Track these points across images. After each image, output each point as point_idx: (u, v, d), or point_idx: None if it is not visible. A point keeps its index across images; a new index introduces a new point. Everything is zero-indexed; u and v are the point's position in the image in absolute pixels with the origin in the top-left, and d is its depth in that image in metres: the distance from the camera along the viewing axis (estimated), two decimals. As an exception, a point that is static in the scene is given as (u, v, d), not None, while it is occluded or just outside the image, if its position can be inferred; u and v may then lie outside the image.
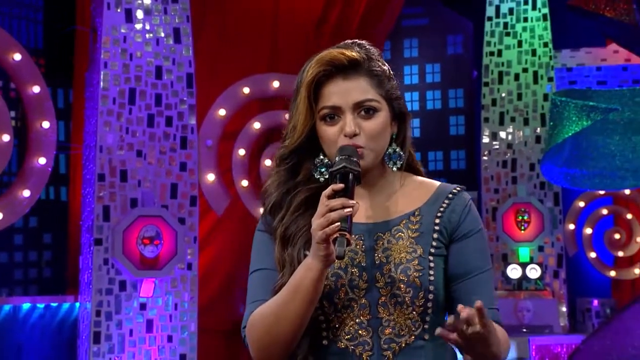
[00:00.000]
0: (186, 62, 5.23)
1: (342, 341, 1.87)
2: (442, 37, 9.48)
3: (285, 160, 1.94)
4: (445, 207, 1.92)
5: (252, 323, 1.86)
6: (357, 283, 1.87)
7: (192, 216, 5.14)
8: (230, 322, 6.34)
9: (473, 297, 1.84)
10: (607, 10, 4.81)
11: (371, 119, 1.88)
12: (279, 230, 1.91)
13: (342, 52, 1.88)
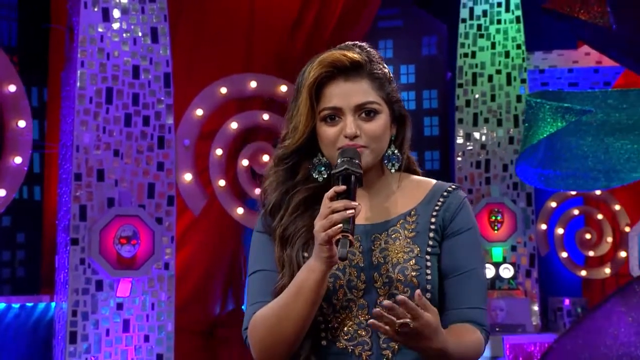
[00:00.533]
0: (163, 62, 5.23)
1: (342, 341, 1.89)
2: (417, 39, 9.53)
3: (285, 161, 1.96)
4: (440, 205, 1.95)
5: (253, 325, 1.88)
6: (356, 284, 1.89)
7: (169, 216, 5.14)
8: (206, 322, 6.35)
9: (460, 296, 1.90)
10: (581, 13, 4.88)
11: (372, 120, 1.90)
12: (277, 231, 1.93)
13: (344, 53, 1.90)
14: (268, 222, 1.97)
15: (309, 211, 1.90)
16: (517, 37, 8.17)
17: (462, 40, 8.19)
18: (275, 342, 1.84)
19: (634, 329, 5.29)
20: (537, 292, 7.76)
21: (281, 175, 1.96)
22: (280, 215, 1.94)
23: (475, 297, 1.92)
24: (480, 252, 1.99)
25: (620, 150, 5.49)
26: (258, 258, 1.97)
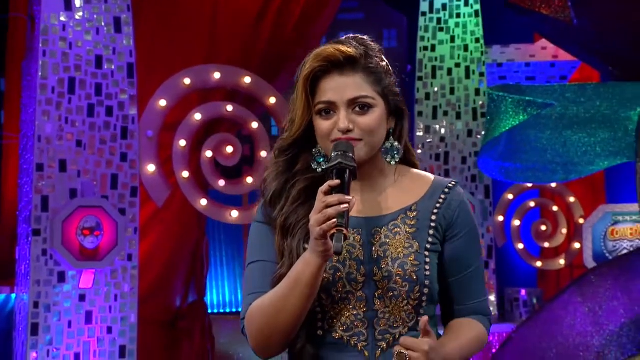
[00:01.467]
0: (127, 52, 5.19)
1: (338, 332, 1.93)
2: (377, 31, 9.60)
3: (285, 152, 1.99)
4: (441, 202, 1.99)
5: (251, 315, 1.91)
6: (355, 276, 1.92)
7: (133, 207, 5.12)
8: (167, 313, 6.33)
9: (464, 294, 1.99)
10: (542, 7, 4.95)
11: (366, 114, 1.92)
12: (279, 220, 1.95)
13: (338, 48, 1.92)
14: (268, 212, 1.99)
15: (309, 201, 1.92)
16: (475, 31, 8.26)
17: (422, 34, 8.25)
18: (272, 333, 1.87)
19: (589, 319, 5.40)
20: (494, 283, 7.88)
21: (281, 166, 1.99)
22: (281, 205, 1.97)
23: (478, 290, 2.02)
24: (480, 247, 2.06)
25: (577, 144, 5.59)
26: (257, 248, 1.99)
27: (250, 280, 1.97)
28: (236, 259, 8.43)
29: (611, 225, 8.25)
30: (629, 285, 5.42)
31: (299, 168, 1.98)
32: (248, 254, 2.02)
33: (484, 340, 1.99)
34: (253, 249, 2.00)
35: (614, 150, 5.67)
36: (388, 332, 1.91)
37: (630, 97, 5.54)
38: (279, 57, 6.40)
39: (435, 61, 8.15)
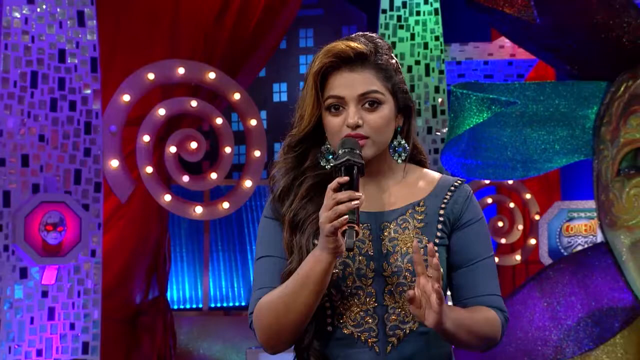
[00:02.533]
0: (90, 46, 5.15)
1: (348, 327, 1.93)
2: (337, 28, 9.63)
3: (294, 149, 1.99)
4: (448, 198, 1.99)
5: (259, 310, 1.91)
6: (365, 272, 1.92)
7: (96, 202, 5.08)
8: (128, 309, 6.30)
9: (474, 285, 1.96)
10: (505, 6, 5.01)
11: (375, 111, 1.93)
12: (287, 216, 1.95)
13: (348, 44, 1.93)
14: (277, 208, 1.99)
15: (318, 197, 1.92)
16: (435, 28, 8.34)
17: (382, 31, 8.31)
18: (281, 329, 1.88)
19: (548, 314, 5.49)
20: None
21: (290, 162, 1.99)
22: (290, 201, 1.97)
23: (490, 284, 1.98)
24: (490, 241, 2.03)
25: (537, 141, 5.68)
26: (266, 243, 1.99)
27: (259, 275, 1.97)
28: (196, 255, 8.42)
29: (566, 221, 8.39)
30: (585, 281, 5.52)
31: (307, 165, 1.98)
32: (257, 249, 2.02)
33: (495, 325, 1.94)
34: (262, 244, 2.00)
35: (572, 148, 5.77)
36: (398, 328, 1.92)
37: (587, 96, 5.65)
38: (241, 53, 6.40)
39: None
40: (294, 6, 6.64)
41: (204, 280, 7.95)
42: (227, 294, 8.55)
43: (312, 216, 1.93)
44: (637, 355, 5.36)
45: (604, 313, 5.43)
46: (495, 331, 1.95)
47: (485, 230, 2.03)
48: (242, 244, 8.64)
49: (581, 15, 5.28)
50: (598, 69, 5.61)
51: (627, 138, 5.26)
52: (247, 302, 8.53)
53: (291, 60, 9.39)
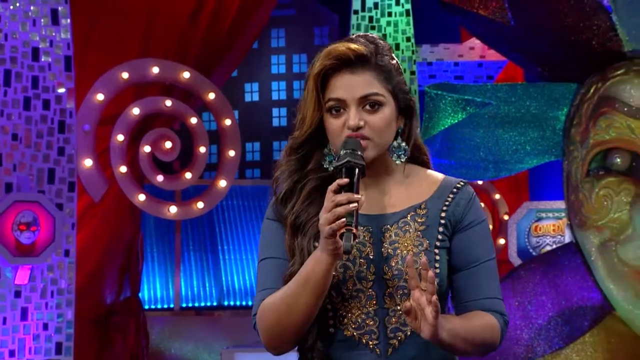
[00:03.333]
0: (64, 44, 5.11)
1: (349, 329, 1.93)
2: (309, 28, 9.65)
3: (296, 151, 1.99)
4: (450, 200, 1.98)
5: (263, 311, 1.92)
6: (365, 275, 1.92)
7: (70, 202, 5.04)
8: (101, 309, 6.26)
9: (475, 287, 1.95)
10: (480, 8, 5.06)
11: (376, 113, 1.93)
12: (289, 219, 1.96)
13: (349, 46, 1.93)
14: (279, 210, 2.00)
15: (319, 200, 1.92)
16: (406, 29, 8.38)
17: (353, 32, 8.32)
18: (284, 330, 1.89)
19: (519, 313, 5.55)
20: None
21: (293, 165, 2.00)
22: (292, 204, 1.97)
23: (491, 287, 1.97)
24: (491, 243, 2.02)
25: (508, 142, 5.74)
26: (269, 245, 2.00)
27: (262, 277, 1.99)
28: (167, 255, 8.39)
29: (535, 221, 8.48)
30: (556, 281, 5.59)
31: (310, 167, 1.99)
32: (260, 251, 2.03)
33: (494, 331, 1.94)
34: (265, 246, 2.01)
35: (542, 149, 5.84)
36: (399, 330, 1.92)
37: (557, 97, 5.72)
38: (215, 53, 6.39)
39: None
40: (269, 6, 6.64)
41: (176, 280, 7.93)
42: (198, 294, 8.54)
43: (314, 219, 1.93)
44: (606, 354, 5.44)
45: (574, 312, 5.50)
46: (494, 337, 1.95)
47: (487, 233, 2.02)
48: (213, 243, 8.64)
49: (552, 18, 5.35)
50: (568, 71, 5.69)
51: (597, 139, 5.33)
52: (218, 302, 8.53)
53: (263, 60, 9.40)
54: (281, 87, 9.80)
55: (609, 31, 5.30)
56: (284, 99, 9.73)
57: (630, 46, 5.28)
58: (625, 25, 5.25)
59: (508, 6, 4.99)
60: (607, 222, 5.28)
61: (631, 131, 5.22)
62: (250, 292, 8.55)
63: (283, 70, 9.78)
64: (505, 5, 5.00)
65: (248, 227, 8.65)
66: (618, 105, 5.27)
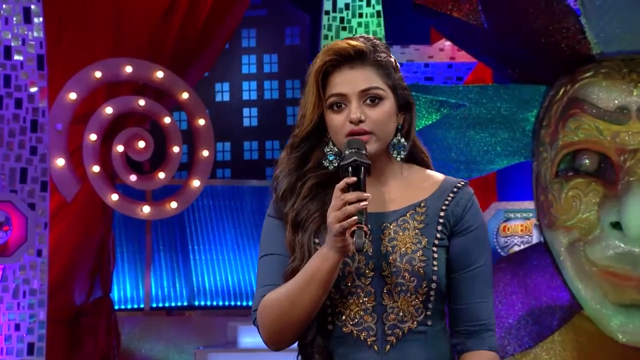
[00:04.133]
0: (37, 43, 5.08)
1: (348, 326, 1.95)
2: (280, 29, 9.66)
3: (297, 148, 2.01)
4: (450, 199, 2.01)
5: (263, 308, 1.93)
6: (364, 271, 1.95)
7: (43, 201, 5.01)
8: (71, 310, 6.22)
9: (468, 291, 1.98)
10: (454, 10, 5.10)
11: (377, 106, 1.96)
12: (290, 216, 1.97)
13: (348, 42, 1.97)
14: (280, 207, 2.01)
15: (320, 196, 1.96)
16: (377, 31, 8.43)
17: (325, 32, 8.36)
18: (285, 326, 1.91)
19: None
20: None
21: (293, 163, 2.01)
22: (292, 201, 1.99)
23: (482, 291, 2.00)
24: (488, 247, 2.05)
25: (480, 143, 5.79)
26: (270, 242, 2.01)
27: (262, 273, 2.00)
28: (137, 255, 8.36)
29: (503, 222, 8.55)
30: (525, 280, 5.64)
31: (310, 165, 2.00)
32: (261, 247, 2.04)
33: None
34: (266, 243, 2.02)
35: (512, 150, 5.89)
36: (397, 327, 1.94)
37: (527, 99, 5.78)
38: (188, 53, 6.38)
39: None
40: (242, 7, 6.64)
41: (146, 280, 7.90)
42: (169, 294, 8.51)
43: (314, 215, 1.96)
44: (574, 352, 5.51)
45: (543, 311, 5.55)
46: None
47: (484, 236, 2.04)
48: (183, 244, 8.62)
49: (523, 20, 5.41)
50: (538, 73, 5.75)
51: (566, 141, 5.39)
52: (188, 302, 8.51)
53: (234, 60, 9.40)
54: (252, 87, 9.79)
55: (577, 34, 5.36)
56: (254, 99, 9.73)
57: (598, 49, 5.33)
58: (594, 29, 5.30)
59: (481, 8, 5.04)
60: (576, 223, 5.34)
61: (599, 133, 5.27)
62: (220, 291, 8.55)
63: (254, 70, 9.78)
64: (479, 8, 5.04)
65: (218, 227, 8.64)
66: (587, 107, 5.32)
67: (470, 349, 1.99)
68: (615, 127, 5.25)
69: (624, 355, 5.42)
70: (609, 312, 5.34)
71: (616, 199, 5.14)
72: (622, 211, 5.09)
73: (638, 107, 5.25)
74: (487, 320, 2.00)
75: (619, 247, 5.18)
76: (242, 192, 8.72)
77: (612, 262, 5.22)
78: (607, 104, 5.27)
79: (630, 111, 5.25)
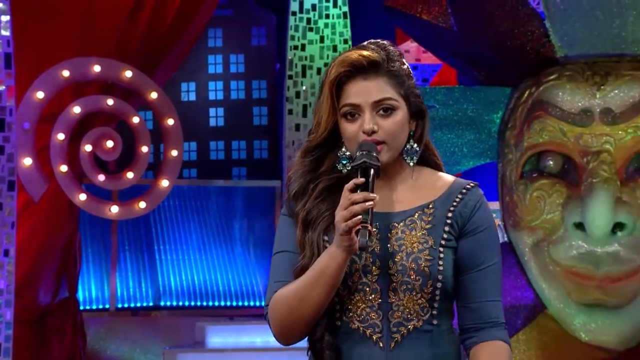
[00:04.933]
0: (4, 42, 5.04)
1: (354, 322, 2.01)
2: (246, 29, 9.66)
3: (311, 153, 2.07)
4: (458, 201, 2.05)
5: (275, 303, 2.00)
6: (370, 269, 2.00)
7: (10, 201, 4.97)
8: (36, 310, 6.17)
9: (477, 291, 2.02)
10: (423, 13, 5.15)
11: (389, 117, 2.00)
12: (301, 215, 2.04)
13: (361, 53, 2.00)
14: (292, 207, 2.07)
15: (331, 197, 2.01)
16: (344, 32, 8.48)
17: (292, 33, 8.38)
18: (295, 322, 1.97)
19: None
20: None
21: (307, 166, 2.07)
22: (304, 201, 2.05)
23: (492, 290, 2.03)
24: (498, 247, 2.07)
25: (446, 144, 5.85)
26: (283, 239, 2.08)
27: (275, 269, 2.05)
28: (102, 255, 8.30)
29: None
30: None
31: (323, 169, 2.06)
32: (275, 244, 2.10)
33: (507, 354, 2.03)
34: (279, 240, 2.08)
35: (478, 151, 5.96)
36: (402, 325, 1.98)
37: (493, 101, 5.85)
38: (156, 52, 6.35)
39: (305, 60, 8.31)
40: (210, 6, 6.63)
41: (111, 280, 7.85)
42: (134, 294, 8.47)
43: (325, 214, 2.01)
44: (539, 351, 5.58)
45: (508, 311, 5.62)
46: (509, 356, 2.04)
47: (493, 236, 2.07)
48: (149, 244, 8.57)
49: (489, 23, 5.47)
50: (504, 75, 5.82)
51: (530, 142, 5.46)
52: (154, 302, 8.47)
53: (200, 59, 9.39)
54: (218, 87, 9.78)
55: (542, 37, 5.43)
56: (221, 99, 9.71)
57: (562, 52, 5.41)
58: (558, 32, 5.38)
59: (451, 11, 5.09)
60: (540, 223, 5.42)
61: (563, 134, 5.35)
62: (186, 292, 8.53)
63: (220, 70, 9.77)
64: (448, 11, 5.09)
65: (184, 227, 8.62)
66: (551, 110, 5.39)
67: (481, 340, 2.02)
68: (578, 129, 5.33)
69: (587, 353, 5.50)
70: (572, 311, 5.42)
71: (579, 200, 5.22)
72: (585, 212, 5.17)
73: (601, 109, 5.33)
74: (497, 318, 2.03)
75: (582, 247, 5.26)
76: (208, 192, 8.69)
77: (575, 262, 5.30)
78: (571, 107, 5.34)
79: (594, 113, 5.33)
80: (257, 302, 8.59)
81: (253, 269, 8.72)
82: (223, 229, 8.72)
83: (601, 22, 5.36)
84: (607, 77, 5.36)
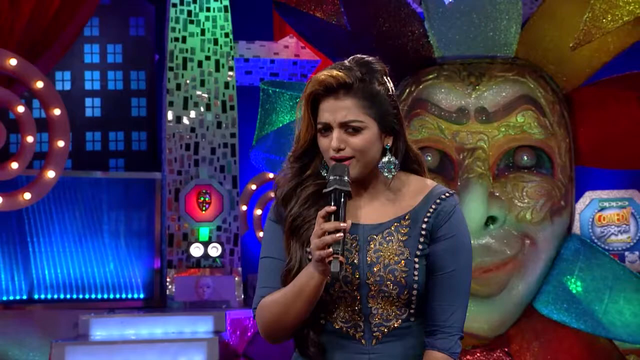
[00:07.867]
0: None
1: (338, 323, 2.15)
2: (124, 19, 9.51)
3: (295, 162, 2.17)
4: (432, 211, 2.16)
5: (261, 309, 2.15)
6: (351, 279, 2.12)
7: None
8: None
9: (435, 292, 2.14)
10: (315, 10, 5.20)
11: (358, 134, 2.09)
12: (287, 220, 2.14)
13: (332, 74, 2.08)
14: (280, 212, 2.17)
15: (317, 204, 2.11)
16: (225, 25, 8.49)
17: (172, 25, 8.33)
18: (280, 328, 2.12)
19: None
20: (240, 270, 8.18)
21: (294, 170, 2.17)
22: (291, 205, 2.14)
23: (449, 295, 2.14)
24: (465, 256, 2.17)
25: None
26: (269, 245, 2.19)
27: (262, 275, 2.18)
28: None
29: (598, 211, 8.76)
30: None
31: (309, 173, 2.15)
32: (262, 248, 2.21)
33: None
34: (266, 245, 2.19)
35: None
36: (382, 325, 2.13)
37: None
38: (39, 42, 6.20)
39: (186, 53, 8.27)
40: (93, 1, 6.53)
41: (-17, 273, 7.59)
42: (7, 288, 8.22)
43: (310, 222, 2.11)
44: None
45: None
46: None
47: (460, 245, 2.17)
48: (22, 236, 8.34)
49: (373, 22, 5.59)
50: (386, 73, 5.98)
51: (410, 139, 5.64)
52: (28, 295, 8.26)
53: (76, 48, 9.16)
54: (95, 77, 9.59)
55: (422, 38, 5.57)
56: (97, 89, 9.52)
57: (439, 53, 5.55)
58: (436, 33, 5.51)
59: (344, 10, 5.16)
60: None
61: (441, 132, 5.48)
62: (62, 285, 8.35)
63: (97, 60, 9.57)
64: (341, 9, 5.17)
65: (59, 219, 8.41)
66: (430, 107, 5.51)
67: (426, 347, 2.16)
68: (455, 126, 5.46)
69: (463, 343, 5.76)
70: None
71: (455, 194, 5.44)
72: (461, 206, 5.41)
73: (476, 108, 5.47)
74: (445, 322, 2.14)
75: (456, 239, 5.48)
76: (84, 183, 8.53)
77: (450, 255, 5.51)
78: (448, 105, 5.47)
79: (469, 112, 5.47)
80: (135, 295, 8.51)
81: (132, 261, 8.63)
82: (99, 220, 8.58)
83: (476, 25, 5.49)
84: (481, 78, 5.49)
